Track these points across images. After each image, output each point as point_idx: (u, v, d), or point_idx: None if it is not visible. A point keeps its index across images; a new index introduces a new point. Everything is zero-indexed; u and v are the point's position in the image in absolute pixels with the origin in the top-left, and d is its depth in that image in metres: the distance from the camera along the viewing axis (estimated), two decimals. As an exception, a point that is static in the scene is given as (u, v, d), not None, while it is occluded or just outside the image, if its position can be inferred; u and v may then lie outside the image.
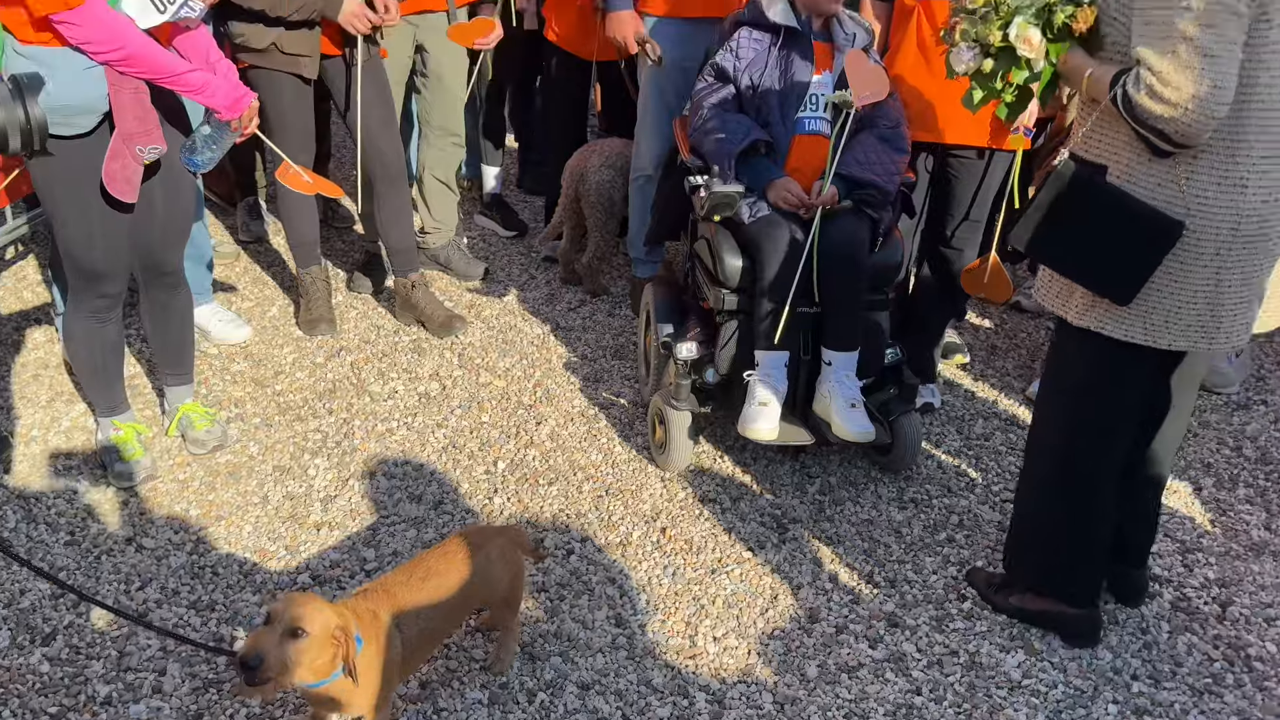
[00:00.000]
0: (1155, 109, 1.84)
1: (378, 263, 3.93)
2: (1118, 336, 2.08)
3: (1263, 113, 1.89)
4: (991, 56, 2.07)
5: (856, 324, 2.81)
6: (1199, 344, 2.08)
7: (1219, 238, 1.96)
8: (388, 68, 3.44)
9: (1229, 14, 1.77)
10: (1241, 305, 2.07)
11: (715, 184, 2.81)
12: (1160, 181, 1.96)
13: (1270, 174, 1.94)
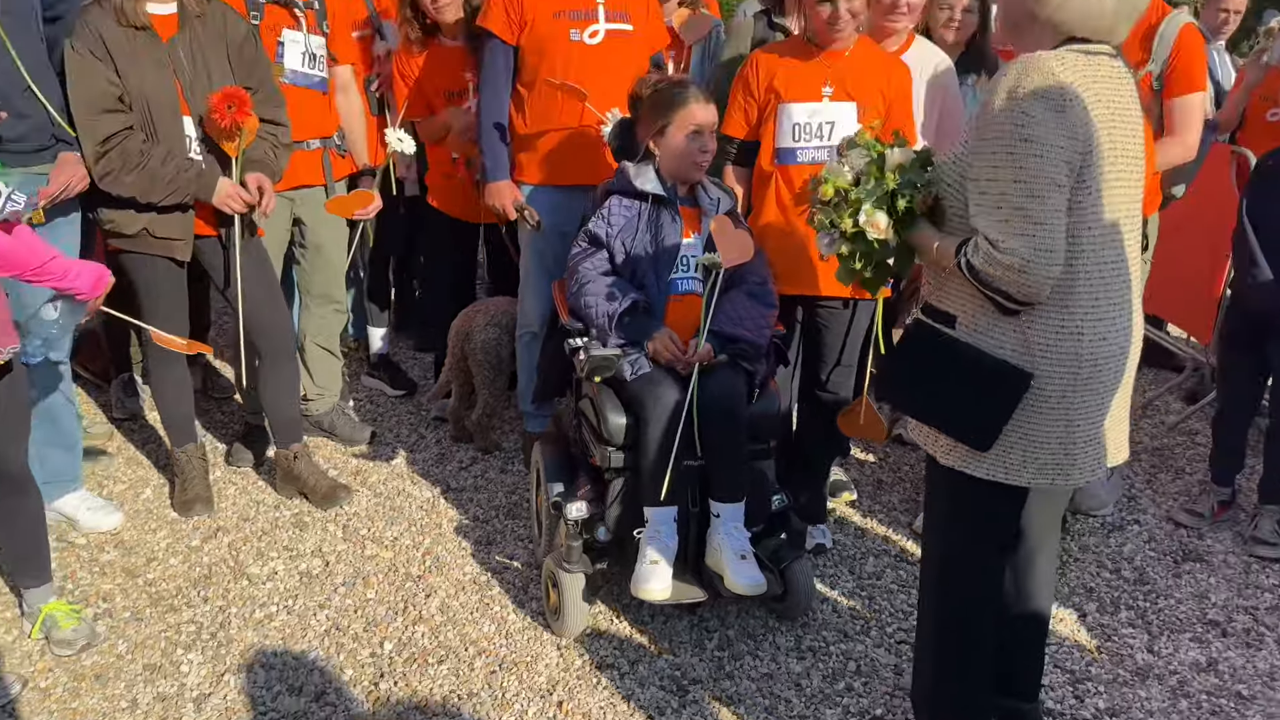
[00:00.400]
0: (996, 274, 1.96)
1: (259, 433, 3.84)
2: (981, 475, 2.17)
3: (1089, 267, 2.03)
4: (848, 241, 2.22)
5: (741, 474, 2.85)
6: (1056, 481, 2.17)
7: (1062, 382, 2.07)
8: (265, 244, 3.44)
9: (1052, 186, 1.92)
10: (1092, 443, 2.17)
11: (594, 347, 2.87)
12: (1004, 332, 2.08)
13: (1101, 321, 2.07)
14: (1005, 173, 1.94)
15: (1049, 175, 1.91)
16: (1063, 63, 1.94)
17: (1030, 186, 1.92)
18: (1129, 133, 2.04)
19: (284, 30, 3.45)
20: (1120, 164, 2.03)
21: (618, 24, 3.43)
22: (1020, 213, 1.93)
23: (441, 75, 3.98)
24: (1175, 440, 4.44)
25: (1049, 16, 2.00)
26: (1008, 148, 1.93)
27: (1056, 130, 1.90)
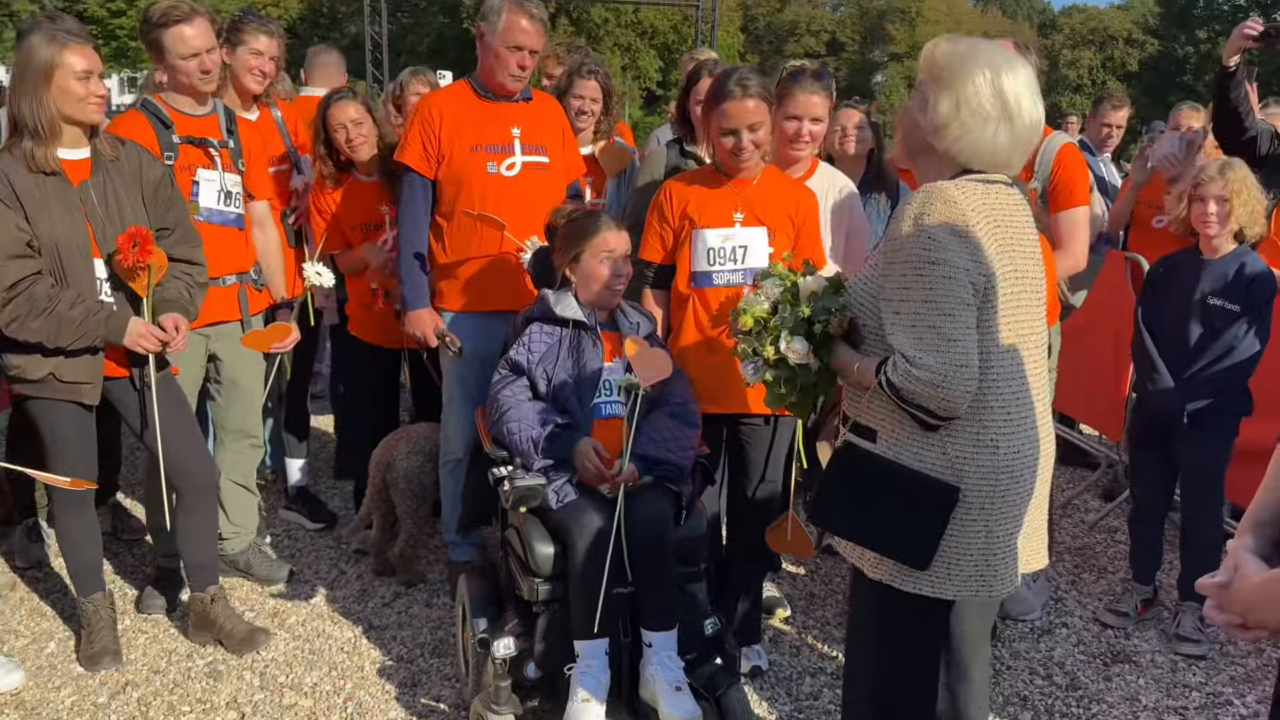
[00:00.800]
0: (914, 390, 2.02)
1: (173, 577, 3.69)
2: (908, 589, 2.17)
3: (999, 383, 2.10)
4: (771, 368, 2.28)
5: (672, 601, 2.82)
6: (980, 592, 2.18)
7: (982, 495, 2.11)
8: (180, 381, 3.37)
9: (961, 304, 2.00)
10: (1011, 553, 2.21)
11: (519, 476, 2.84)
12: (924, 447, 2.11)
13: (1015, 435, 2.12)
14: (916, 293, 2.01)
15: (957, 295, 1.99)
16: (963, 191, 2.04)
17: (941, 306, 1.99)
18: (1028, 255, 2.14)
19: (199, 169, 3.46)
20: (1022, 284, 2.12)
21: (534, 156, 3.52)
22: (934, 331, 1.99)
23: (357, 210, 4.02)
24: (1096, 539, 4.53)
25: (946, 149, 2.11)
26: (917, 270, 2.00)
27: (961, 253, 1.99)
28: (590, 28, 43.58)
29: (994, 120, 2.06)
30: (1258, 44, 3.89)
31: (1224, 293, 3.48)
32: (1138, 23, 56.90)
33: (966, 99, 2.06)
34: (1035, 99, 2.11)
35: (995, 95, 2.05)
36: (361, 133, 3.92)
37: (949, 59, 2.10)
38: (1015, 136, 2.08)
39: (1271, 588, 1.45)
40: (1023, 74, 2.10)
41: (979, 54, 2.09)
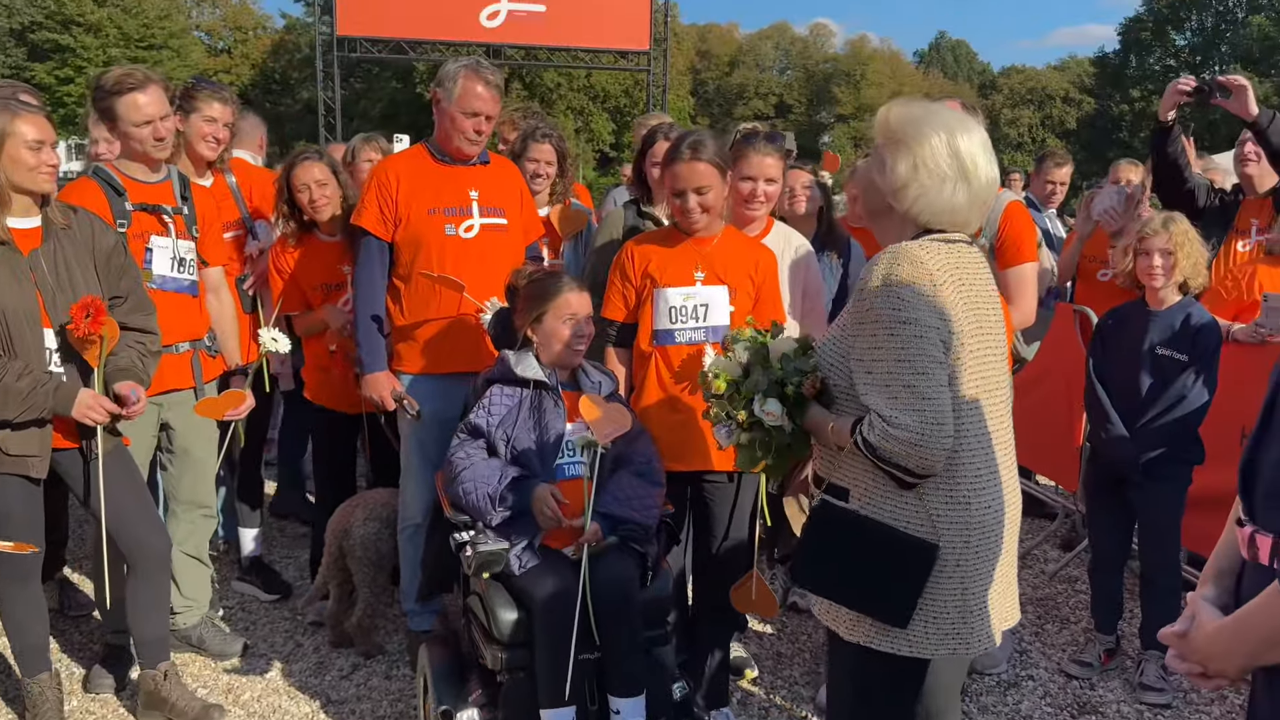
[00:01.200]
0: (892, 449, 2.02)
1: (122, 655, 3.57)
2: (885, 650, 2.15)
3: (970, 439, 2.11)
4: (745, 430, 2.29)
5: (639, 665, 2.78)
6: (957, 650, 2.17)
7: (956, 551, 2.11)
8: (132, 451, 3.30)
9: (934, 363, 2.02)
10: (986, 609, 2.20)
11: (481, 541, 2.80)
12: (897, 505, 2.11)
13: (988, 490, 2.14)
14: (889, 353, 2.03)
15: (929, 353, 2.01)
16: (928, 251, 2.07)
17: (915, 364, 2.01)
18: (990, 312, 2.18)
19: (152, 236, 3.42)
20: (987, 341, 2.15)
21: (492, 218, 3.53)
22: (909, 390, 2.01)
23: (318, 269, 4.00)
24: (1057, 589, 4.56)
25: (906, 210, 2.14)
26: (889, 330, 2.02)
27: (930, 312, 2.02)
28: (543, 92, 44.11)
29: (951, 180, 2.10)
30: (1190, 99, 4.03)
31: (1172, 343, 3.56)
32: (1074, 82, 58.84)
33: (924, 160, 2.10)
34: (990, 159, 2.16)
35: (952, 156, 2.10)
36: (325, 194, 3.92)
37: (904, 122, 2.15)
38: (972, 195, 2.12)
39: (1225, 636, 1.47)
40: (976, 135, 2.15)
41: (934, 116, 2.15)
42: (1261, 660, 1.44)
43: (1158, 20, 52.28)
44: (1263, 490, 1.53)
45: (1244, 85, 3.91)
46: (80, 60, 38.33)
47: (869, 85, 57.80)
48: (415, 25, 13.55)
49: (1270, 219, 4.26)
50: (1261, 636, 1.42)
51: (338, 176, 3.98)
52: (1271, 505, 1.51)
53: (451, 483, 2.97)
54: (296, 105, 46.26)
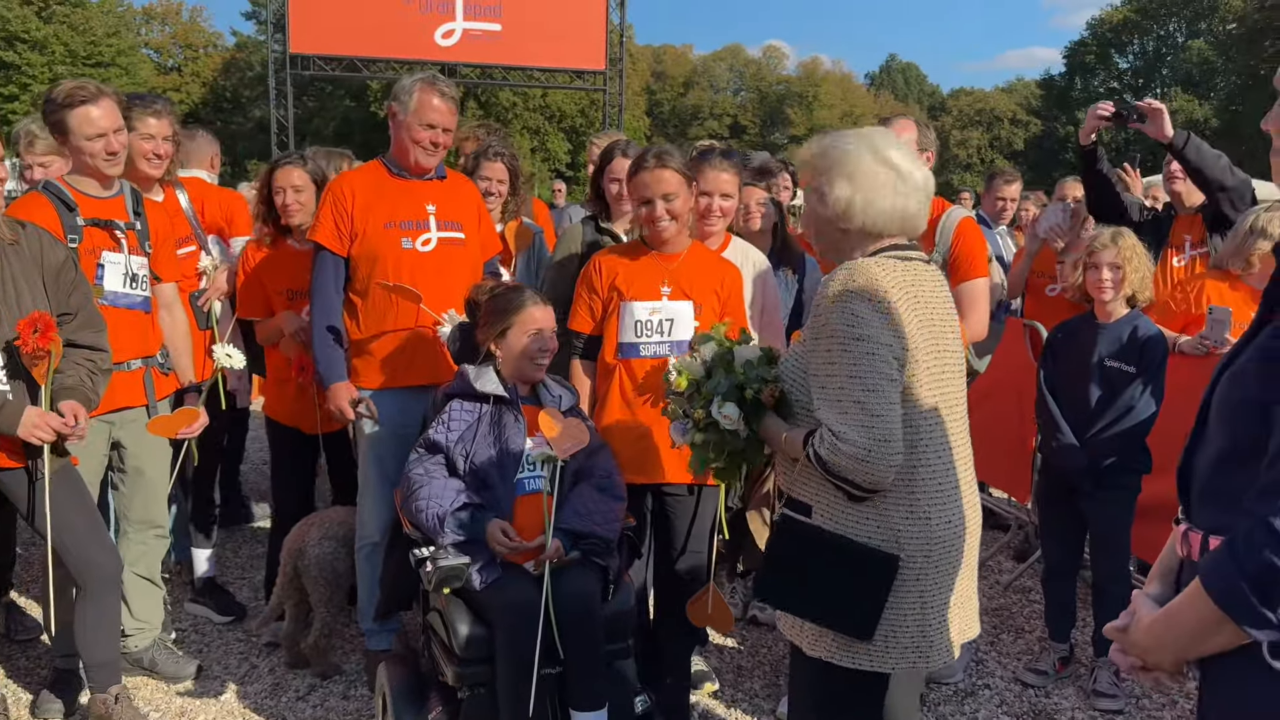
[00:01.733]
0: (840, 464, 2.05)
1: (71, 679, 3.48)
2: (847, 665, 2.17)
3: (928, 452, 2.14)
4: (700, 430, 2.30)
5: (600, 679, 2.77)
6: (917, 663, 2.19)
7: (916, 565, 2.13)
8: (81, 471, 3.23)
9: (885, 380, 2.05)
10: (946, 623, 2.22)
11: (441, 557, 2.78)
12: (858, 520, 2.13)
13: (947, 505, 2.16)
14: (841, 369, 2.05)
15: (881, 370, 2.04)
16: (883, 268, 2.11)
17: (865, 381, 2.03)
18: (947, 328, 2.21)
19: (104, 252, 3.36)
20: (944, 356, 2.19)
21: (449, 232, 3.52)
22: (858, 405, 2.03)
23: (284, 275, 3.98)
24: (1011, 599, 4.62)
25: (859, 226, 2.18)
26: (842, 346, 2.05)
27: (884, 329, 2.05)
28: (499, 111, 44.08)
29: (890, 185, 2.16)
30: (1109, 123, 4.17)
31: (1120, 355, 3.64)
32: (1021, 104, 60.06)
33: (859, 175, 2.15)
34: (915, 162, 2.22)
35: (882, 163, 2.16)
36: (299, 200, 3.92)
37: (826, 150, 2.21)
38: (912, 196, 2.18)
39: (1158, 628, 1.52)
40: (892, 139, 2.22)
41: (850, 137, 2.22)
42: (1191, 653, 1.49)
43: (1101, 44, 53.57)
44: (1196, 490, 1.59)
45: (1159, 109, 4.05)
46: (25, 77, 37.63)
47: (821, 107, 58.56)
48: (369, 43, 13.50)
49: (1202, 234, 4.39)
50: (1188, 629, 1.46)
51: (317, 185, 3.97)
52: (1203, 504, 1.56)
53: (406, 499, 2.95)
54: (248, 124, 45.79)
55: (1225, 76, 46.65)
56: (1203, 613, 1.42)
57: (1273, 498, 1.35)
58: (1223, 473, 1.52)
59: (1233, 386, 1.54)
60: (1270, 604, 1.34)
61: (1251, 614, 1.35)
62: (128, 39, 45.28)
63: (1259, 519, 1.34)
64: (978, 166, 53.75)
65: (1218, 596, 1.39)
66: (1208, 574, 1.41)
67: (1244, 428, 1.47)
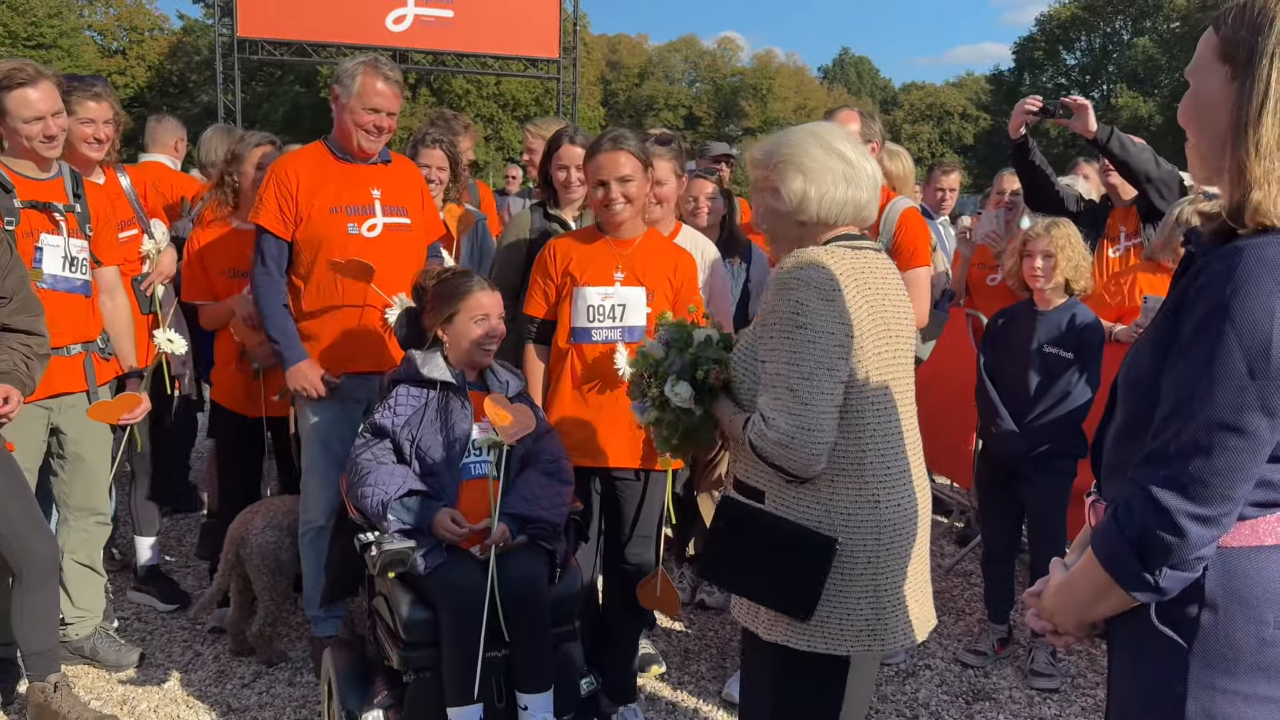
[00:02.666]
0: (765, 449, 2.09)
1: (9, 668, 3.44)
2: (803, 648, 2.19)
3: (876, 438, 2.17)
4: (657, 409, 2.35)
5: (547, 661, 2.80)
6: (873, 646, 2.21)
7: (867, 549, 2.16)
8: (17, 457, 3.18)
9: (822, 369, 2.07)
10: (901, 606, 2.24)
11: (387, 541, 2.78)
12: (808, 504, 2.16)
13: (896, 489, 2.19)
14: (781, 355, 2.08)
15: (818, 359, 2.06)
16: (831, 256, 2.13)
17: (801, 369, 2.06)
18: (898, 315, 2.24)
19: (42, 235, 3.30)
20: (895, 344, 2.21)
21: (395, 217, 3.51)
22: (790, 392, 2.07)
23: (226, 254, 3.94)
24: (953, 582, 4.71)
25: (815, 219, 2.20)
26: (785, 333, 2.08)
27: (827, 317, 2.07)
28: (452, 99, 43.70)
29: (842, 175, 2.18)
30: (1036, 118, 4.29)
31: (1058, 341, 3.72)
32: (971, 99, 60.85)
33: (811, 168, 2.18)
34: (863, 154, 2.25)
35: (831, 154, 2.19)
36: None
37: (776, 147, 2.23)
38: (863, 185, 2.21)
39: (1062, 593, 1.61)
40: (839, 132, 2.26)
41: (798, 131, 2.25)
42: (1088, 615, 1.58)
43: (1050, 40, 54.45)
44: (1105, 464, 1.67)
45: (1084, 105, 4.16)
46: (-38, 58, 36.63)
47: (775, 99, 58.84)
48: (319, 28, 13.30)
49: (1136, 226, 4.51)
50: (1085, 594, 1.56)
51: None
52: (1109, 478, 1.65)
53: (353, 484, 2.95)
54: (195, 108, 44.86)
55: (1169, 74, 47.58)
56: (1094, 578, 1.51)
57: (1153, 466, 1.43)
58: (1124, 447, 1.59)
59: (1131, 362, 1.61)
60: (1149, 567, 1.43)
61: (1133, 578, 1.44)
62: (70, 20, 44.22)
63: (1139, 486, 1.43)
64: (928, 160, 54.39)
65: (1104, 561, 1.48)
66: (1097, 540, 1.50)
67: (1138, 402, 1.55)
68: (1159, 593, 1.44)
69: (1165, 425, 1.43)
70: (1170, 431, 1.41)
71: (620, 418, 3.16)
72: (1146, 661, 1.52)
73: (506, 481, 2.95)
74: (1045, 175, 4.50)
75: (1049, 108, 4.20)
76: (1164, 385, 1.46)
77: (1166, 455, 1.41)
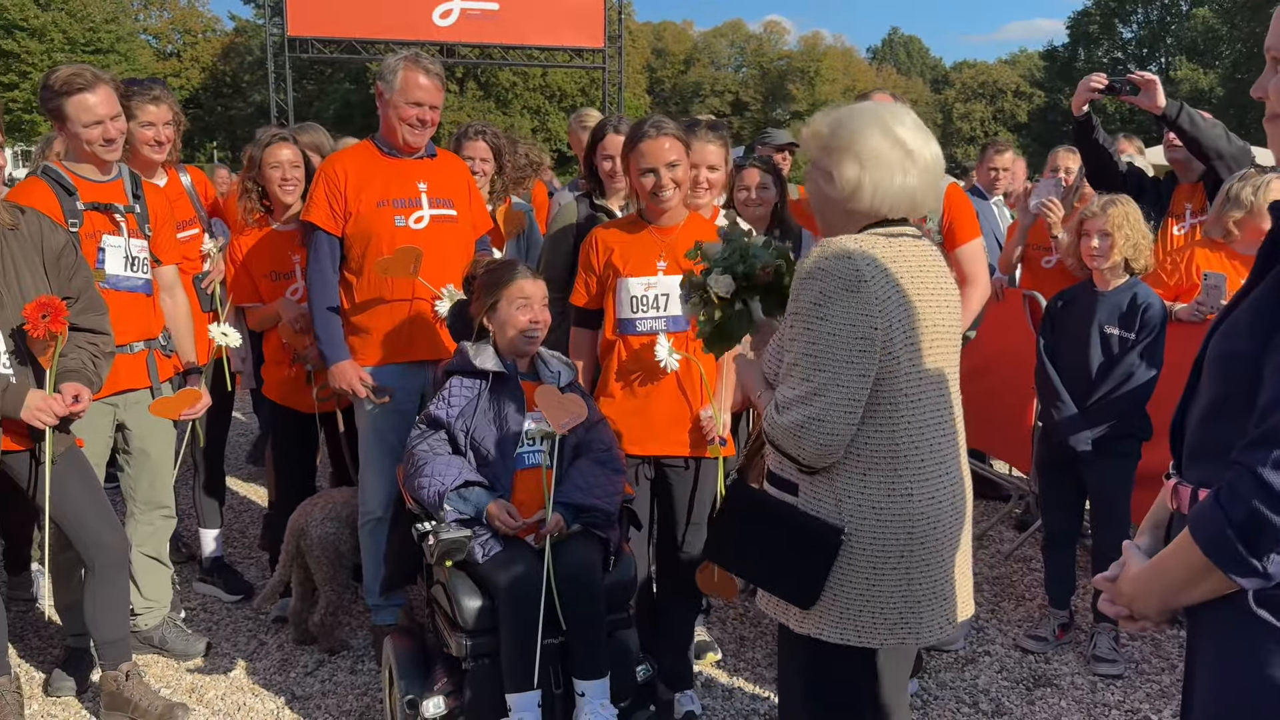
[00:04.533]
0: (774, 435, 2.08)
1: (83, 657, 3.54)
2: (835, 640, 2.17)
3: (910, 430, 2.11)
4: (702, 303, 2.45)
5: (603, 648, 2.81)
6: (906, 639, 2.19)
7: (899, 542, 2.12)
8: (86, 453, 3.27)
9: (840, 361, 2.02)
10: (938, 600, 2.20)
11: (444, 530, 2.82)
12: (839, 497, 2.12)
13: (929, 481, 2.14)
14: (800, 345, 2.05)
15: (837, 351, 2.02)
16: (861, 244, 2.06)
17: (819, 360, 2.02)
18: (939, 302, 2.15)
19: (104, 236, 3.39)
20: (933, 332, 2.13)
21: (441, 210, 3.55)
22: (805, 383, 2.04)
23: (267, 257, 4.01)
24: (1012, 568, 4.65)
25: (867, 208, 2.13)
26: (805, 323, 2.04)
27: (849, 308, 2.01)
28: (499, 91, 43.97)
29: (900, 166, 2.10)
30: (1101, 95, 4.18)
31: (1119, 322, 3.65)
32: (1024, 76, 59.72)
33: (868, 155, 2.09)
34: (926, 136, 2.16)
35: (892, 143, 2.10)
36: (297, 175, 3.94)
37: (835, 128, 2.14)
38: (922, 176, 2.12)
39: (1144, 578, 1.56)
40: (907, 118, 2.16)
41: (861, 113, 2.15)
42: (1178, 601, 1.53)
43: (1105, 14, 53.18)
44: (1188, 445, 1.61)
45: (1152, 80, 4.05)
46: (25, 65, 37.58)
47: (823, 82, 58.28)
48: (367, 25, 13.43)
49: (1202, 202, 4.39)
50: (1176, 578, 1.50)
51: (308, 165, 3.98)
52: (1193, 459, 1.59)
53: (410, 476, 2.98)
54: (248, 108, 45.69)
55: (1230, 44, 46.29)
56: (1190, 561, 1.45)
57: (1260, 449, 1.37)
58: (1212, 427, 1.54)
59: (1224, 340, 1.56)
60: (1256, 552, 1.37)
61: (1238, 562, 1.39)
62: (126, 25, 45.19)
63: (1246, 469, 1.37)
64: (981, 139, 53.48)
65: (1205, 545, 1.42)
66: (1196, 523, 1.44)
67: (1234, 381, 1.49)
68: (1266, 578, 1.39)
69: (1275, 407, 1.38)
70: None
71: (669, 406, 3.16)
72: (1239, 649, 1.47)
73: (560, 471, 2.97)
74: (1108, 154, 4.39)
75: (1115, 84, 4.10)
76: (1268, 366, 1.40)
77: (1277, 437, 1.36)
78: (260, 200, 3.98)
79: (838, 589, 2.14)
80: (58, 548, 3.38)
